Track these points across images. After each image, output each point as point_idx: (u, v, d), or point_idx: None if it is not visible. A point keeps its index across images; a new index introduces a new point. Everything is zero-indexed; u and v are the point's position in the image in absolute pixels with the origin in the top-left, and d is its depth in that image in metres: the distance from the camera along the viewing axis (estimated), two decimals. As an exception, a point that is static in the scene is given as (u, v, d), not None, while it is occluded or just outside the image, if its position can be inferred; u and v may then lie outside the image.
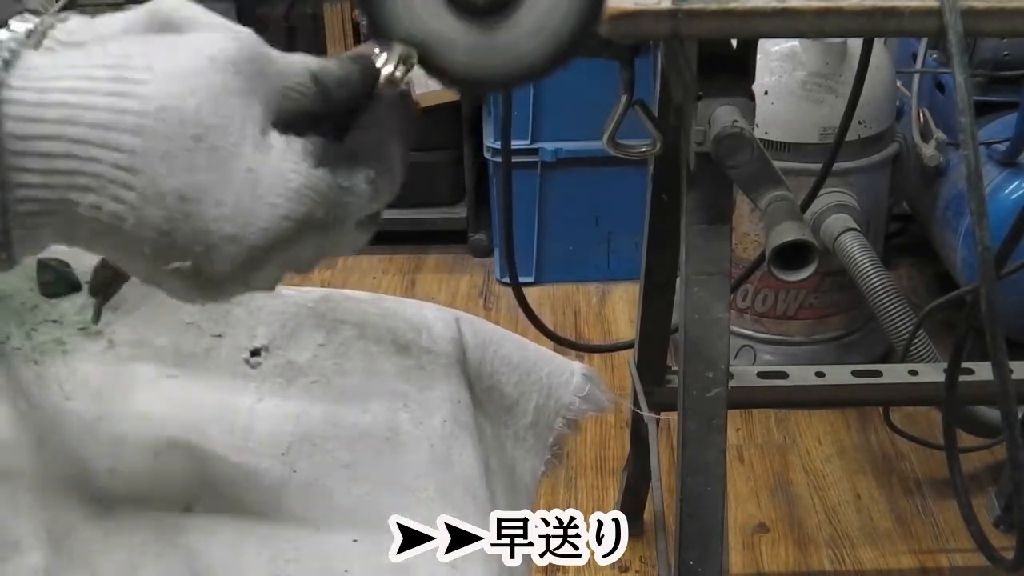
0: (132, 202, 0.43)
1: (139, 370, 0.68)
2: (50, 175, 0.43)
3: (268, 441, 0.66)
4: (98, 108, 0.43)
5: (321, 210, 0.47)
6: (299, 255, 0.49)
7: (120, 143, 0.43)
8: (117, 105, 0.43)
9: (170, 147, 0.43)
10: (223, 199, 0.45)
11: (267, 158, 0.46)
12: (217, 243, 0.45)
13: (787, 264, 0.78)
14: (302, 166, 0.47)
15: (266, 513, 0.63)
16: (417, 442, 0.68)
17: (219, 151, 0.44)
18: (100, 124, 0.43)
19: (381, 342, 0.73)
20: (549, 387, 0.79)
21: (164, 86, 0.43)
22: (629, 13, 0.74)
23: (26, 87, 0.42)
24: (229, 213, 0.45)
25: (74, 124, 0.42)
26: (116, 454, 0.63)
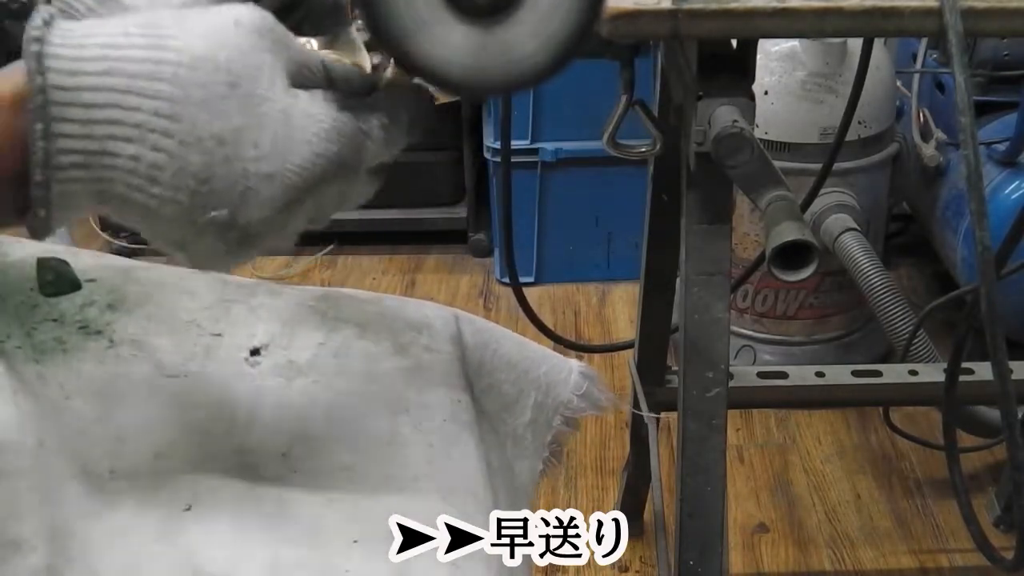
0: (171, 150, 0.45)
1: (139, 370, 0.68)
2: (92, 125, 0.44)
3: (268, 442, 0.66)
4: (136, 60, 0.45)
5: (347, 150, 0.50)
6: (324, 200, 0.51)
7: (160, 91, 0.45)
8: (154, 56, 0.45)
9: (207, 94, 0.45)
10: (260, 140, 0.47)
11: (297, 102, 0.48)
12: (255, 185, 0.47)
13: (787, 264, 0.78)
14: (330, 108, 0.50)
15: (267, 514, 0.63)
16: (417, 444, 0.68)
17: (252, 97, 0.47)
18: (140, 74, 0.45)
19: (381, 342, 0.73)
20: (547, 385, 0.80)
21: (195, 40, 0.46)
22: (629, 13, 0.74)
23: (64, 43, 0.44)
24: (266, 152, 0.47)
25: (114, 75, 0.44)
26: (117, 454, 0.63)
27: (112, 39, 0.45)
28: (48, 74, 0.44)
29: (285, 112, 0.48)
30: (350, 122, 0.50)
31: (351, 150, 0.50)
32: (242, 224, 0.48)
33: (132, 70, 0.45)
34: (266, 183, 0.47)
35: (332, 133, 0.49)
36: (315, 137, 0.49)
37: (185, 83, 0.45)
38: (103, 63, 0.44)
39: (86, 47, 0.44)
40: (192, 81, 0.45)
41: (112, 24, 0.46)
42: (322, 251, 2.39)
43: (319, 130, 0.49)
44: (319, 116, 0.49)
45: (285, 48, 0.49)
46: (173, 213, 0.47)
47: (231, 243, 0.49)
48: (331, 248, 2.40)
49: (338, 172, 0.50)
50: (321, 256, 2.39)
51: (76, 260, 0.74)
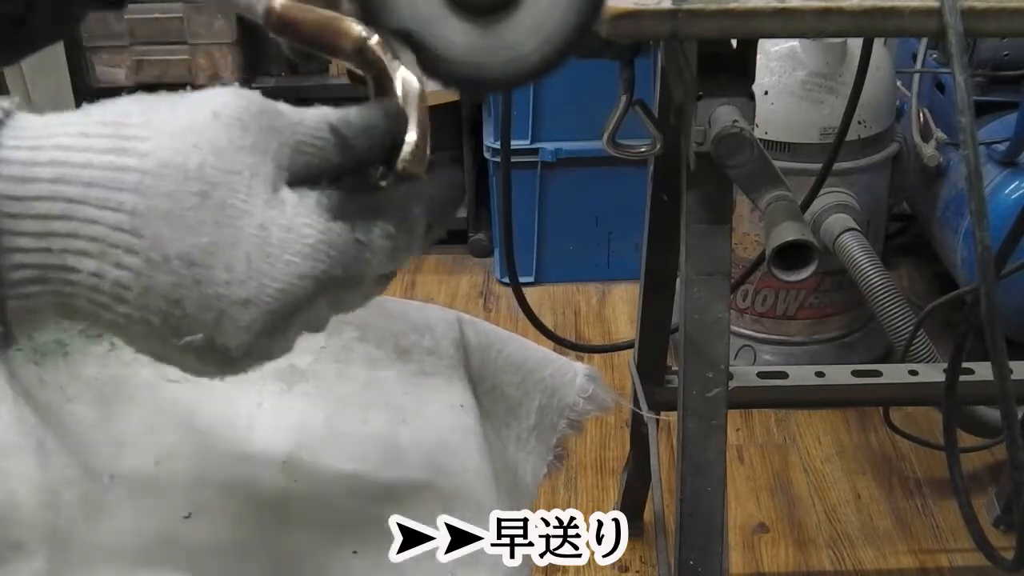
0: (136, 268, 0.40)
1: (140, 374, 0.68)
2: (47, 238, 0.40)
3: (268, 449, 0.66)
4: (94, 166, 0.40)
5: (339, 268, 0.44)
6: (316, 317, 0.46)
7: (120, 202, 0.40)
8: (115, 163, 0.40)
9: (173, 206, 0.40)
10: (233, 261, 0.41)
11: (280, 214, 0.42)
12: (230, 310, 0.42)
13: (787, 264, 0.78)
14: (317, 220, 0.43)
15: (267, 522, 0.62)
16: (416, 456, 0.68)
17: (227, 209, 0.41)
18: (97, 183, 0.40)
19: (383, 346, 0.73)
20: (552, 388, 0.79)
21: (165, 141, 0.41)
22: (629, 13, 0.74)
23: (19, 145, 0.40)
24: (241, 276, 0.41)
25: (69, 183, 0.40)
26: (118, 459, 0.63)
27: (70, 140, 0.40)
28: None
29: (263, 227, 0.42)
30: (343, 234, 0.44)
31: (344, 267, 0.44)
32: (220, 348, 0.42)
33: (89, 177, 0.40)
34: (242, 309, 0.42)
35: (319, 250, 0.43)
36: (297, 256, 0.42)
37: (149, 193, 0.40)
38: (58, 169, 0.39)
39: (41, 149, 0.40)
40: (157, 191, 0.40)
41: (73, 120, 0.41)
42: (322, 251, 2.39)
43: (302, 248, 0.42)
44: (304, 231, 0.42)
45: (275, 135, 0.43)
46: (145, 333, 0.42)
47: (212, 364, 0.44)
48: (331, 248, 2.40)
49: (328, 290, 0.44)
50: (321, 256, 2.39)
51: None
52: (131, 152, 0.40)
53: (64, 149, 0.40)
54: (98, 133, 0.40)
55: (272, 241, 0.42)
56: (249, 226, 0.41)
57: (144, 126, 0.41)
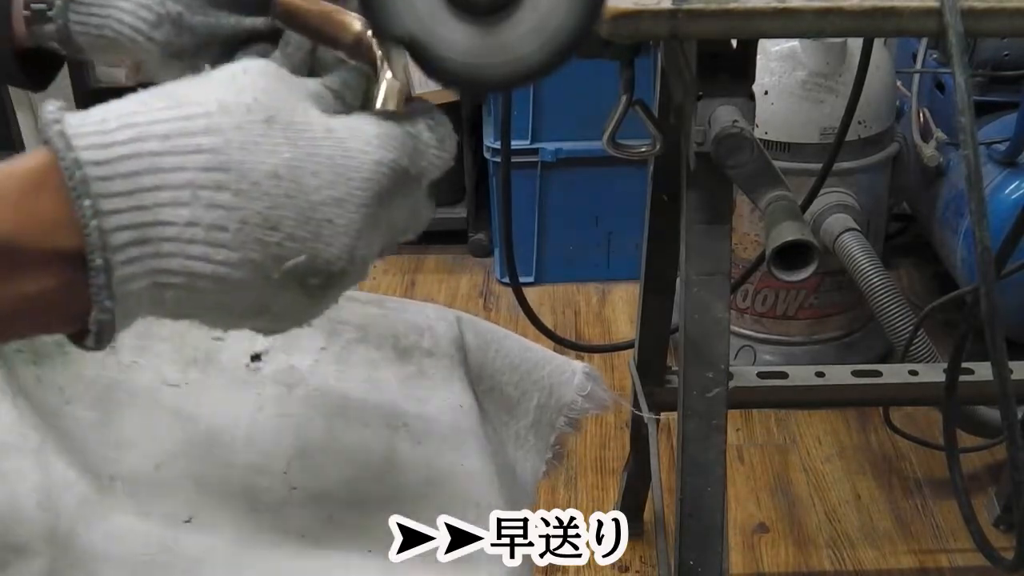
0: (228, 203, 0.42)
1: (140, 378, 0.68)
2: (138, 195, 0.41)
3: (269, 454, 0.66)
4: (162, 120, 0.42)
5: (405, 157, 0.47)
6: (395, 218, 0.49)
7: (198, 144, 0.42)
8: (181, 113, 0.43)
9: (247, 136, 0.43)
10: (317, 166, 0.44)
11: (338, 121, 0.46)
12: (327, 215, 0.44)
13: (787, 264, 0.78)
14: (371, 119, 0.47)
15: (267, 527, 0.62)
16: (416, 462, 0.68)
17: (294, 125, 0.44)
18: (173, 133, 0.42)
19: (383, 346, 0.73)
20: (551, 386, 0.79)
21: (215, 91, 0.44)
22: (629, 13, 0.74)
23: (84, 121, 0.42)
24: (328, 177, 0.44)
25: (146, 140, 0.42)
26: (118, 462, 0.63)
27: (132, 108, 0.43)
28: (79, 150, 0.41)
29: (330, 131, 0.45)
30: (395, 127, 0.48)
31: (408, 155, 0.48)
32: (323, 263, 0.44)
33: (163, 131, 0.42)
34: (337, 209, 0.44)
35: (384, 139, 0.47)
36: (369, 146, 0.46)
37: (221, 129, 0.43)
38: (131, 130, 0.42)
39: (107, 120, 0.42)
40: (227, 126, 0.43)
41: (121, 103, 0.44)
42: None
43: (370, 138, 0.46)
44: (365, 127, 0.46)
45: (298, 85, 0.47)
46: (247, 275, 0.43)
47: (314, 292, 0.45)
48: (331, 248, 2.40)
49: (402, 181, 0.48)
50: (321, 256, 2.39)
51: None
52: (190, 103, 0.43)
53: (130, 115, 0.42)
54: (153, 99, 0.43)
55: (344, 139, 0.45)
56: (318, 134, 0.45)
57: (191, 87, 0.44)
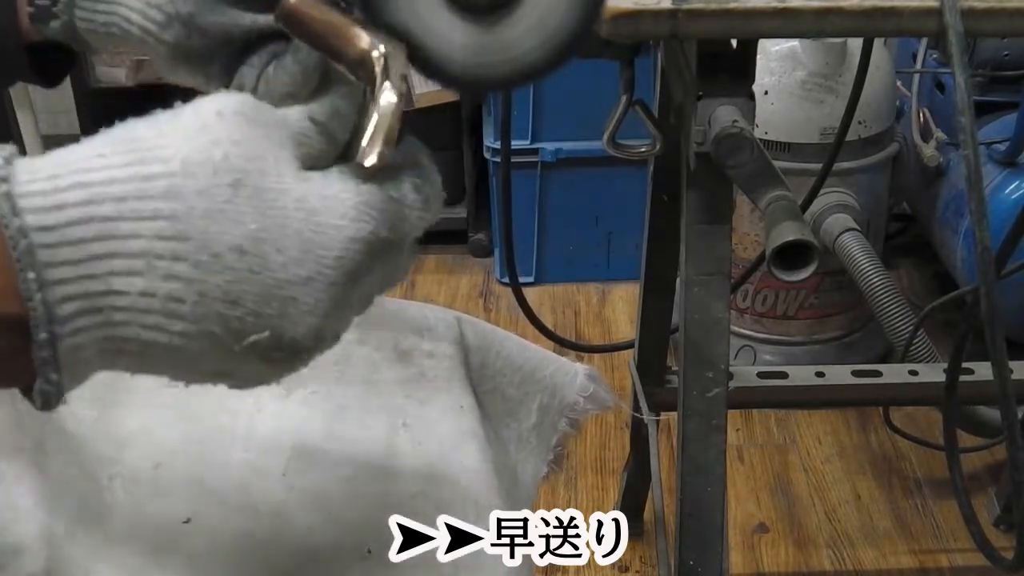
0: (187, 275, 0.39)
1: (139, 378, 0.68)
2: (87, 263, 0.38)
3: (268, 455, 0.65)
4: (119, 180, 0.38)
5: (384, 226, 0.43)
6: (370, 288, 0.45)
7: (156, 210, 0.38)
8: (140, 172, 0.39)
9: (211, 202, 0.39)
10: (284, 240, 0.40)
11: (312, 187, 0.42)
12: (292, 293, 0.40)
13: (787, 264, 0.78)
14: (349, 185, 0.43)
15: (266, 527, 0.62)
16: (416, 462, 0.68)
17: (264, 193, 0.40)
18: (128, 196, 0.38)
19: (383, 347, 0.73)
20: (553, 387, 0.79)
21: (182, 143, 0.40)
22: (629, 13, 0.74)
23: (35, 178, 0.38)
24: (296, 254, 0.40)
25: (100, 203, 0.38)
26: (117, 461, 0.62)
27: (87, 162, 0.39)
28: (25, 215, 0.37)
29: (302, 200, 0.41)
30: (376, 192, 0.43)
31: (388, 225, 0.44)
32: (288, 341, 0.41)
33: (119, 192, 0.38)
34: (304, 288, 0.41)
35: (362, 210, 0.42)
36: (344, 220, 0.42)
37: (183, 194, 0.39)
38: (84, 191, 0.38)
39: (60, 176, 0.38)
40: (190, 190, 0.39)
41: (79, 150, 0.40)
42: (322, 251, 2.39)
43: (346, 211, 0.42)
44: (341, 195, 0.42)
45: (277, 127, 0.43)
46: (205, 347, 0.40)
47: (279, 363, 0.42)
48: (331, 248, 2.40)
49: (380, 252, 0.44)
50: (321, 256, 2.39)
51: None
52: (153, 160, 0.39)
53: (85, 171, 0.38)
54: (113, 151, 0.39)
55: (316, 211, 0.41)
56: (289, 204, 0.41)
57: (156, 136, 0.40)
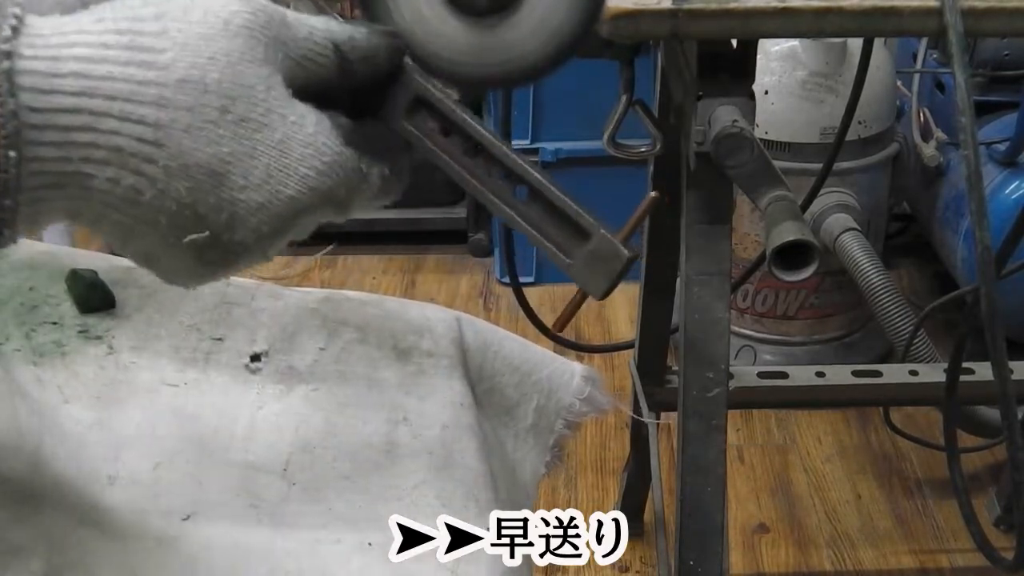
0: (155, 175, 0.42)
1: (139, 378, 0.68)
2: (66, 148, 0.41)
3: (268, 452, 0.65)
4: (116, 78, 0.41)
5: (343, 189, 0.47)
6: (307, 227, 0.48)
7: (143, 116, 0.41)
8: (136, 76, 0.41)
9: (195, 119, 0.42)
10: (252, 170, 0.43)
11: (300, 129, 0.45)
12: (242, 213, 0.44)
13: (787, 264, 0.78)
14: (335, 141, 0.46)
15: (266, 524, 0.62)
16: (416, 454, 0.68)
17: (247, 123, 0.43)
18: (119, 96, 0.41)
19: (383, 346, 0.73)
20: (550, 389, 0.79)
21: (183, 55, 0.42)
22: (629, 13, 0.74)
23: (36, 55, 0.40)
24: (257, 183, 0.44)
25: (92, 96, 0.41)
26: (116, 461, 0.62)
27: (90, 51, 0.41)
28: (20, 95, 0.39)
29: (283, 141, 0.44)
30: (351, 160, 0.47)
31: (346, 189, 0.47)
32: (223, 244, 0.44)
33: (111, 90, 0.41)
34: (254, 212, 0.44)
35: (333, 168, 0.46)
36: (312, 171, 0.45)
37: (171, 107, 0.41)
38: (80, 81, 0.40)
39: (61, 60, 0.40)
40: (179, 104, 0.41)
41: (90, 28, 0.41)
42: (322, 251, 2.39)
43: (318, 164, 0.45)
44: (321, 148, 0.45)
45: (283, 45, 0.45)
46: (148, 232, 0.43)
47: (207, 261, 0.45)
48: (331, 248, 2.40)
49: (328, 205, 0.47)
50: (321, 256, 2.39)
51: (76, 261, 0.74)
52: (150, 65, 0.41)
53: (85, 61, 0.41)
54: (117, 44, 0.41)
55: (292, 154, 0.44)
56: (269, 139, 0.44)
57: (160, 35, 0.42)
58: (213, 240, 0.44)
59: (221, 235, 0.44)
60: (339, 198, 0.47)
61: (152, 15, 0.42)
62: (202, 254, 0.44)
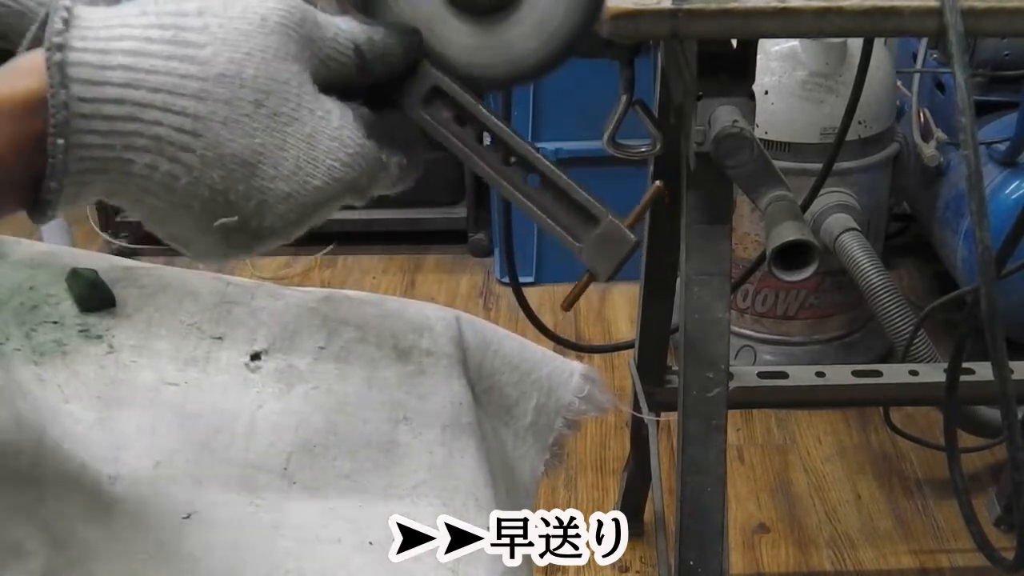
0: (191, 163, 0.45)
1: (139, 377, 0.68)
2: (111, 136, 0.43)
3: (268, 451, 0.65)
4: (159, 72, 0.44)
5: (365, 179, 0.50)
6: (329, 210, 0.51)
7: (183, 107, 0.44)
8: (178, 70, 0.44)
9: (231, 112, 0.45)
10: (282, 161, 0.46)
11: (327, 124, 0.48)
12: (271, 201, 0.47)
13: (787, 264, 0.78)
14: (359, 134, 0.49)
15: (266, 523, 0.62)
16: (416, 452, 0.68)
17: (279, 116, 0.46)
18: (163, 88, 0.44)
19: (383, 346, 0.73)
20: (549, 387, 0.79)
21: (222, 50, 0.45)
22: (629, 13, 0.74)
23: (86, 48, 0.43)
24: (287, 173, 0.47)
25: (137, 88, 0.43)
26: (117, 460, 0.62)
27: (136, 44, 0.44)
28: (72, 86, 0.42)
29: (311, 135, 0.47)
30: (373, 151, 0.50)
31: (368, 178, 0.50)
32: (252, 229, 0.48)
33: (155, 83, 0.44)
34: (283, 201, 0.47)
35: (356, 159, 0.49)
36: (338, 163, 0.48)
37: (210, 99, 0.44)
38: (127, 74, 0.43)
39: (109, 53, 0.43)
40: (217, 98, 0.44)
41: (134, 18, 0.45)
42: (322, 251, 2.39)
43: (344, 156, 0.48)
44: (346, 141, 0.48)
45: (312, 44, 0.48)
46: (181, 215, 0.47)
47: (235, 244, 0.48)
48: (331, 248, 2.40)
49: (349, 194, 0.50)
50: (321, 256, 2.39)
51: (76, 261, 0.74)
52: (192, 59, 0.44)
53: (131, 54, 0.44)
54: (160, 38, 0.44)
55: (319, 147, 0.47)
56: (299, 133, 0.47)
57: (202, 31, 0.45)
58: (242, 225, 0.47)
59: (250, 221, 0.47)
60: (361, 187, 0.50)
61: (195, 10, 0.45)
62: (230, 237, 0.47)
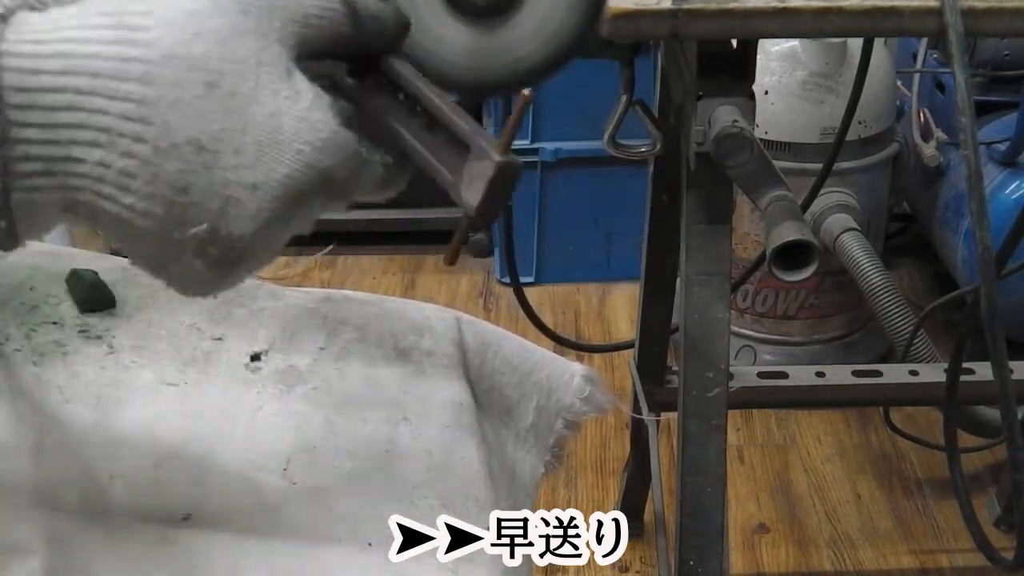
0: (144, 155, 0.41)
1: (139, 377, 0.68)
2: (53, 129, 0.40)
3: (268, 452, 0.65)
4: (101, 57, 0.41)
5: (343, 171, 0.45)
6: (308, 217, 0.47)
7: (128, 92, 0.41)
8: (121, 53, 0.41)
9: (181, 95, 0.41)
10: (243, 147, 0.42)
11: (293, 104, 0.44)
12: (237, 195, 0.43)
13: (787, 264, 0.78)
14: (332, 119, 0.45)
15: (266, 524, 0.62)
16: (416, 453, 0.68)
17: (236, 97, 0.42)
18: (104, 73, 0.41)
19: (382, 346, 0.73)
20: (550, 388, 0.79)
21: (168, 32, 0.41)
22: (629, 13, 0.74)
23: (22, 39, 0.40)
24: (250, 160, 0.42)
25: (77, 74, 0.40)
26: (116, 461, 0.62)
27: (74, 33, 0.41)
28: (4, 74, 0.39)
29: (274, 116, 0.43)
30: (351, 141, 0.45)
31: (346, 171, 0.45)
32: (223, 238, 0.43)
33: (96, 68, 0.40)
34: (249, 194, 0.43)
35: (330, 146, 0.44)
36: (308, 147, 0.44)
37: (157, 82, 0.41)
38: (64, 60, 0.40)
39: (45, 43, 0.40)
40: (164, 80, 0.41)
41: (76, 13, 0.42)
42: (322, 251, 2.39)
43: (314, 139, 0.44)
44: (316, 124, 0.44)
45: (277, 14, 0.44)
46: (148, 226, 0.43)
47: (213, 262, 0.44)
48: (331, 248, 2.40)
49: (328, 189, 0.45)
50: (321, 256, 2.39)
51: (76, 261, 0.74)
52: (136, 42, 0.41)
53: (69, 41, 0.41)
54: (102, 24, 0.41)
55: (284, 129, 0.43)
56: (260, 114, 0.42)
57: (146, 15, 0.42)
58: (212, 235, 0.43)
59: (220, 228, 0.43)
60: (338, 181, 0.45)
61: None
62: (205, 251, 0.44)
